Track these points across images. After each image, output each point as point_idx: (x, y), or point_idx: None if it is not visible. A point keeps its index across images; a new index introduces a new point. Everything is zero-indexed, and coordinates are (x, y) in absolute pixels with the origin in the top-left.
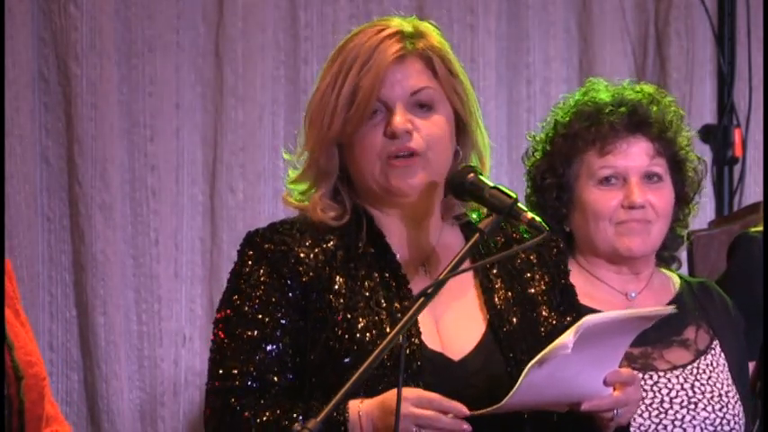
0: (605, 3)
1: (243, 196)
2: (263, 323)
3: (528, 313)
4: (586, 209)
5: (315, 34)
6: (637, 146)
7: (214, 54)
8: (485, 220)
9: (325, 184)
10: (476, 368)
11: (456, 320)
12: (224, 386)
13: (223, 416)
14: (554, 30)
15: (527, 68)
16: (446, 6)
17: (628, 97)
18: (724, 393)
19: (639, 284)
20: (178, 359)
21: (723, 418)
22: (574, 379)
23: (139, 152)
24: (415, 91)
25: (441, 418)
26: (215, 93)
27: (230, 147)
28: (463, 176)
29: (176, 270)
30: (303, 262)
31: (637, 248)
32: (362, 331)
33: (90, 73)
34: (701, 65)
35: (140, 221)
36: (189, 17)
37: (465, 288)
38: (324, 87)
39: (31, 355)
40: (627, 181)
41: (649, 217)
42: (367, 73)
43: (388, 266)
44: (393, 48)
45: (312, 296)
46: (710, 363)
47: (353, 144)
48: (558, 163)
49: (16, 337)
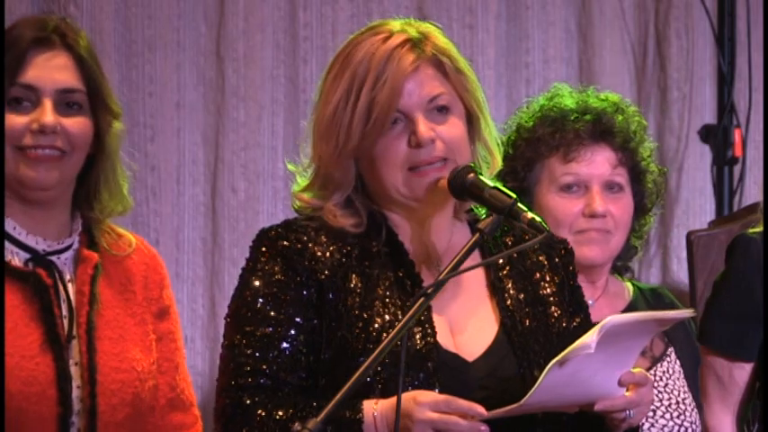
0: (605, 3)
1: (244, 196)
2: (278, 321)
3: (539, 314)
4: (546, 215)
5: (314, 34)
6: (600, 155)
7: (215, 54)
8: (485, 220)
9: (338, 195)
10: (489, 369)
11: (469, 321)
12: (237, 384)
13: (235, 413)
14: (553, 30)
15: (526, 68)
16: (445, 6)
17: (593, 105)
18: (681, 400)
19: (596, 292)
20: None
21: (681, 425)
22: (590, 379)
23: (140, 152)
24: (432, 98)
25: (458, 422)
26: (216, 92)
27: (231, 146)
28: (463, 177)
29: (177, 270)
30: (319, 260)
31: (596, 257)
32: (379, 330)
33: None
34: (701, 65)
35: (141, 222)
36: (189, 17)
37: (476, 289)
38: (336, 102)
39: (124, 361)
40: (588, 189)
41: (609, 227)
42: (383, 86)
43: (403, 266)
44: (407, 59)
45: (328, 295)
46: (666, 370)
47: (373, 156)
48: (520, 167)
49: (112, 340)
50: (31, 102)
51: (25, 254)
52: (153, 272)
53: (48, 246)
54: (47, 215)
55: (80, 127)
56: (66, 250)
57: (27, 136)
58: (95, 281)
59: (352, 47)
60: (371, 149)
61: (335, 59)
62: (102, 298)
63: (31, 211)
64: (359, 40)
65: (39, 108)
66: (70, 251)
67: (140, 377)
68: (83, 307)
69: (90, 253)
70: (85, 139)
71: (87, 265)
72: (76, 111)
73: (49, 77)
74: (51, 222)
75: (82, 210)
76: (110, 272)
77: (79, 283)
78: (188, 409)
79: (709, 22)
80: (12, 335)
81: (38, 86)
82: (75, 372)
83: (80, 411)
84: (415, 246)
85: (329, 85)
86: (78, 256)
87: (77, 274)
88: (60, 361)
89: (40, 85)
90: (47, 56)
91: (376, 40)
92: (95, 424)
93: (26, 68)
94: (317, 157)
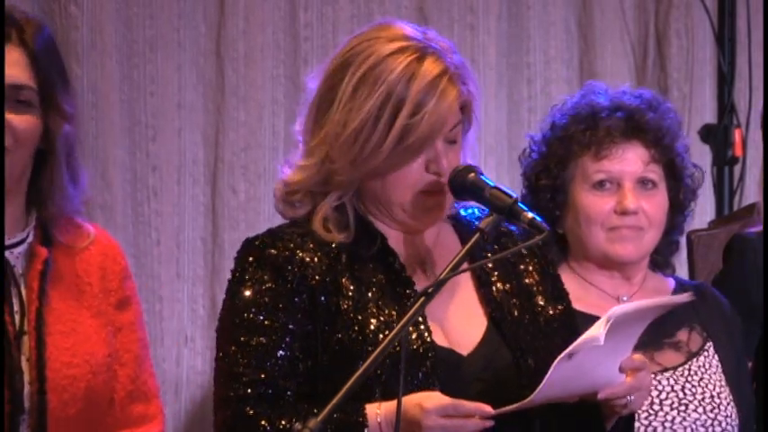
0: (605, 3)
1: (245, 196)
2: (272, 329)
3: (526, 303)
4: (579, 212)
5: (315, 34)
6: (632, 151)
7: (215, 54)
8: (485, 219)
9: (335, 197)
10: (484, 361)
11: (459, 316)
12: (236, 395)
13: (236, 425)
14: (554, 30)
15: (527, 68)
16: (446, 6)
17: (626, 102)
18: (716, 395)
19: (632, 288)
20: (180, 359)
21: (714, 419)
22: (594, 369)
23: (141, 152)
24: (452, 127)
25: (466, 424)
26: (216, 92)
27: (232, 147)
28: (464, 176)
29: (178, 270)
30: (308, 265)
31: (628, 255)
32: (375, 332)
33: (91, 72)
34: (702, 65)
35: (141, 222)
36: (190, 17)
37: (463, 283)
38: (364, 117)
39: (75, 355)
40: (621, 186)
41: (642, 224)
42: (422, 118)
43: (392, 269)
44: (450, 95)
45: (319, 299)
46: (703, 364)
47: (388, 174)
48: (554, 165)
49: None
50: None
51: None
52: (112, 262)
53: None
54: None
55: (26, 125)
56: (18, 245)
57: None
58: (45, 276)
59: (379, 57)
60: (392, 170)
61: (354, 58)
62: (52, 293)
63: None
64: (383, 48)
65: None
66: (23, 245)
67: (93, 370)
68: (32, 303)
69: (41, 249)
70: (31, 137)
71: (37, 260)
72: (25, 108)
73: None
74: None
75: (36, 207)
76: (63, 265)
77: (29, 279)
78: (150, 400)
79: (709, 22)
80: None
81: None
82: (25, 368)
83: (30, 409)
84: (404, 249)
85: (351, 90)
86: (30, 252)
87: (28, 269)
88: (9, 357)
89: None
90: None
91: (407, 58)
92: (45, 421)
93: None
94: (325, 155)
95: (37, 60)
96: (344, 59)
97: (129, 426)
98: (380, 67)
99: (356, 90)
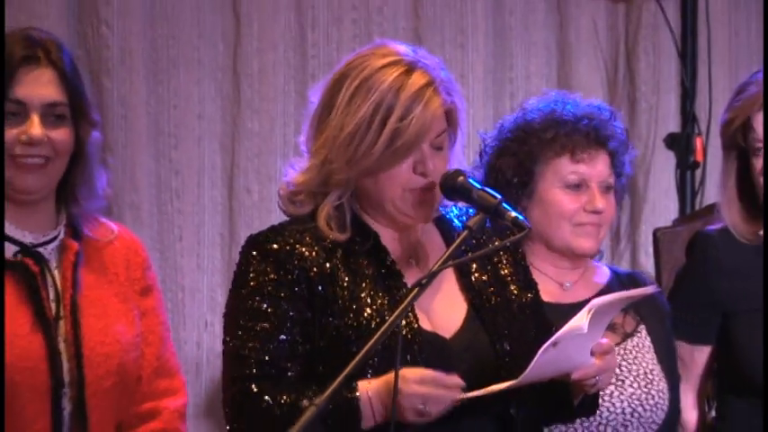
0: (580, 24)
1: (258, 197)
2: (275, 316)
3: (501, 292)
4: (549, 207)
5: (321, 53)
6: (601, 158)
7: (232, 70)
8: (473, 218)
9: (335, 196)
10: (465, 344)
11: (442, 303)
12: (242, 374)
13: (243, 401)
14: (534, 49)
15: (511, 83)
16: (439, 28)
17: (595, 113)
18: (649, 371)
19: (574, 276)
20: (200, 342)
21: (648, 393)
22: (573, 354)
23: (165, 158)
24: (438, 134)
25: (441, 394)
26: (233, 105)
27: (246, 153)
28: (454, 179)
29: (198, 263)
30: (307, 258)
31: (589, 249)
32: (368, 319)
33: (120, 87)
34: (667, 79)
35: (166, 219)
36: (209, 37)
37: (446, 274)
38: (358, 121)
39: (108, 335)
40: (589, 188)
41: (602, 222)
42: (411, 124)
43: (383, 263)
44: (435, 102)
45: (317, 289)
46: (636, 344)
47: (380, 173)
48: (528, 161)
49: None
50: (21, 115)
51: (14, 246)
52: (134, 255)
53: (34, 238)
54: (33, 212)
55: (63, 137)
56: (51, 241)
57: (17, 146)
58: (77, 267)
59: (371, 71)
60: (382, 170)
61: (349, 73)
62: (84, 281)
63: (19, 209)
64: (375, 64)
65: (27, 121)
66: (56, 242)
67: (124, 348)
68: (67, 290)
69: (72, 242)
70: (68, 147)
71: (69, 252)
72: (60, 122)
73: (36, 93)
74: (37, 218)
75: (66, 206)
76: (92, 257)
77: (63, 269)
78: (173, 375)
79: (673, 41)
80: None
81: (26, 101)
82: (63, 347)
83: (70, 382)
84: (394, 246)
85: (347, 100)
86: (62, 246)
87: (61, 261)
88: (49, 338)
89: (28, 100)
90: (34, 73)
91: (397, 71)
92: (84, 393)
93: (16, 85)
94: (324, 158)
95: (66, 77)
96: (342, 73)
97: (156, 398)
98: (373, 78)
99: (352, 98)
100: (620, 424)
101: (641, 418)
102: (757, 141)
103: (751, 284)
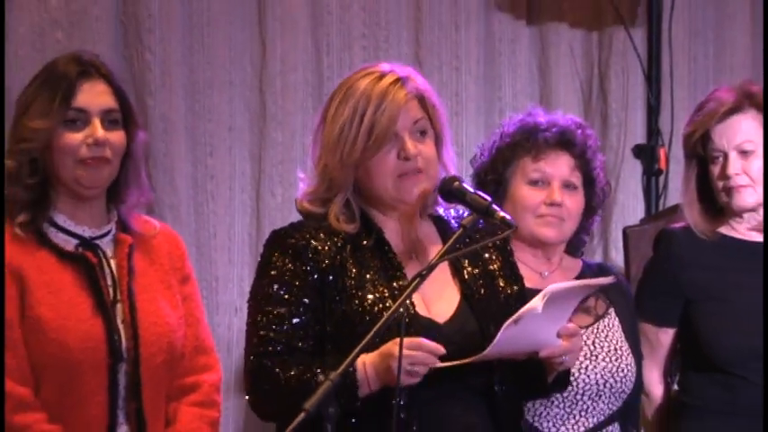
0: (559, 50)
1: (281, 199)
2: (290, 302)
3: (490, 284)
4: (516, 202)
5: (335, 74)
6: (562, 159)
7: (258, 89)
8: (467, 218)
9: (341, 197)
10: (456, 328)
11: (437, 293)
12: (258, 351)
13: (259, 374)
14: (520, 71)
15: (499, 101)
16: (437, 53)
17: (560, 122)
18: (618, 348)
19: (551, 266)
20: (231, 325)
21: (618, 366)
22: (536, 333)
23: (201, 165)
24: (415, 121)
25: (424, 356)
26: (259, 119)
27: (271, 160)
28: (450, 184)
29: (229, 257)
30: (320, 252)
31: (551, 237)
32: (371, 305)
33: (161, 105)
34: (634, 98)
35: (202, 219)
36: (239, 61)
37: (440, 267)
38: (342, 123)
39: (159, 317)
40: (550, 184)
41: (563, 215)
42: (383, 113)
43: (386, 256)
44: (401, 93)
45: (328, 278)
46: (607, 324)
47: (370, 166)
48: (500, 164)
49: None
50: (83, 121)
51: (75, 240)
52: (175, 248)
53: (92, 233)
54: (89, 209)
55: (119, 139)
56: (106, 235)
57: (83, 148)
58: (131, 257)
59: (352, 82)
60: (369, 160)
61: (338, 91)
62: (137, 269)
63: (76, 207)
64: (356, 78)
65: (90, 126)
66: (109, 235)
67: (172, 328)
68: (123, 278)
69: (125, 236)
70: (122, 147)
71: (123, 245)
72: (115, 126)
73: (95, 102)
74: (92, 215)
75: (115, 203)
76: (141, 249)
77: (119, 259)
78: (209, 353)
79: (640, 65)
80: (68, 303)
81: (88, 109)
82: (122, 328)
83: (127, 359)
84: (396, 241)
85: (334, 111)
86: (116, 239)
87: (116, 252)
88: (109, 321)
89: (89, 108)
90: (91, 84)
91: (371, 78)
92: (139, 369)
93: (77, 96)
94: (324, 165)
95: (115, 88)
96: (333, 93)
97: (196, 373)
98: (353, 87)
99: (337, 108)
100: (594, 394)
101: (612, 388)
102: (715, 151)
103: (709, 276)
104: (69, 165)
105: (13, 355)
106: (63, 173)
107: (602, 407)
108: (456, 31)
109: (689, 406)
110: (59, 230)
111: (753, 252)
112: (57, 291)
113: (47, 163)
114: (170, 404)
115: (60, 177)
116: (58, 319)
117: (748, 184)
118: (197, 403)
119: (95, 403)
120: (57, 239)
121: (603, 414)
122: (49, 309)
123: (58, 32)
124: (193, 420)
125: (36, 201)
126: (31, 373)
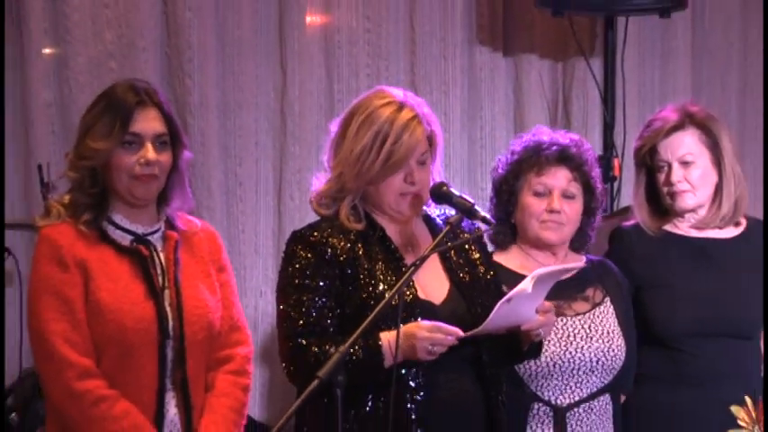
0: (531, 78)
1: (299, 202)
2: (314, 289)
3: (473, 271)
4: (524, 210)
5: (345, 99)
6: (561, 173)
7: (280, 111)
8: (453, 217)
9: (349, 199)
10: (450, 309)
11: (431, 280)
12: (293, 332)
13: (296, 352)
14: (497, 95)
15: (480, 119)
16: (428, 80)
17: (560, 141)
18: (611, 332)
19: (557, 262)
20: (257, 306)
21: (609, 347)
22: (521, 310)
23: (232, 174)
24: (422, 153)
25: (445, 339)
26: (280, 135)
27: (291, 170)
28: (440, 188)
29: (256, 249)
30: (337, 248)
31: (551, 239)
32: (382, 291)
33: (199, 123)
34: (593, 117)
35: (233, 219)
36: (263, 87)
37: (432, 259)
38: (363, 146)
39: (200, 301)
40: (551, 194)
41: (563, 220)
42: (401, 146)
43: (389, 250)
44: (418, 130)
45: (346, 270)
46: (603, 311)
47: (380, 184)
48: (511, 178)
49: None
50: (137, 144)
51: (130, 236)
52: (213, 243)
53: (144, 230)
54: (142, 211)
55: (167, 158)
56: (156, 232)
57: (137, 167)
58: (177, 250)
59: (374, 108)
60: (381, 180)
61: (358, 111)
62: (181, 261)
63: (131, 210)
64: (377, 104)
65: (143, 149)
66: (159, 232)
67: (211, 310)
68: (170, 268)
69: (171, 233)
70: (169, 166)
71: (171, 240)
72: (164, 147)
73: (148, 127)
74: (144, 216)
75: (163, 207)
76: (185, 243)
77: (167, 253)
78: (242, 330)
79: (597, 89)
80: (124, 290)
81: (142, 134)
82: (169, 311)
83: (173, 336)
84: (395, 237)
85: (356, 130)
86: (164, 236)
87: (165, 246)
88: (159, 305)
89: (143, 132)
90: (145, 112)
91: (392, 109)
92: (184, 345)
93: (133, 122)
94: (340, 173)
95: (165, 113)
96: (352, 111)
97: (230, 347)
98: (374, 114)
99: (359, 129)
100: (588, 369)
101: (604, 365)
102: (661, 162)
103: (656, 266)
104: (124, 180)
105: (79, 333)
106: (119, 186)
107: (595, 380)
108: (444, 62)
109: (643, 375)
110: (117, 228)
111: (692, 246)
112: (115, 279)
113: (105, 176)
114: (209, 373)
115: (117, 189)
116: (115, 302)
117: (689, 190)
118: (232, 372)
119: (147, 373)
120: (115, 236)
121: (596, 386)
122: (108, 294)
123: (111, 62)
124: (228, 386)
125: (97, 204)
126: (93, 348)
